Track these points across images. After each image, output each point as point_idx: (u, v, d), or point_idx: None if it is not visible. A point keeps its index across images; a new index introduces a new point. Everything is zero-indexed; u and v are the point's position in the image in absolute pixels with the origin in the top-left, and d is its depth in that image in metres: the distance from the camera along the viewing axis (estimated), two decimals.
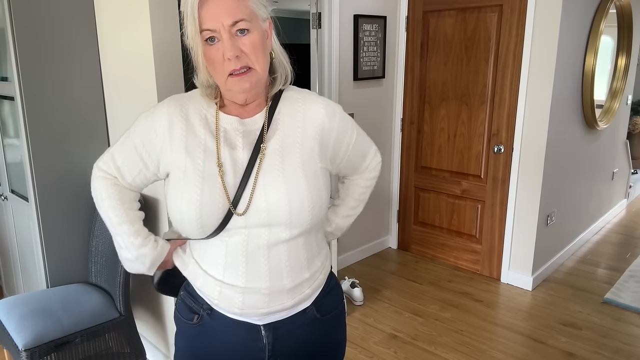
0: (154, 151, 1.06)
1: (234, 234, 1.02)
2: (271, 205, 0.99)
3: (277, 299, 1.06)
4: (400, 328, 2.80)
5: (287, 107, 1.07)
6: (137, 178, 1.10)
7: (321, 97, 1.12)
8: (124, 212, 1.11)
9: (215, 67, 0.96)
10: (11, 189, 2.52)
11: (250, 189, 1.00)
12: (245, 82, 0.96)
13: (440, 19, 3.40)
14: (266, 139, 1.03)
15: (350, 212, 1.28)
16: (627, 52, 3.95)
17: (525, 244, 3.25)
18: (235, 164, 1.02)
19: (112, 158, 1.11)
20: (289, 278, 1.05)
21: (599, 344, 2.65)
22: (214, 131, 1.03)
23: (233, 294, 1.05)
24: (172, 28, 1.96)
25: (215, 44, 0.94)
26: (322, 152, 1.07)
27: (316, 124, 1.06)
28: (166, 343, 2.33)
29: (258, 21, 0.97)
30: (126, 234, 1.10)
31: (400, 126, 3.74)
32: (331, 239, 1.30)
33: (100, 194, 1.11)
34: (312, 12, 3.12)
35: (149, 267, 1.12)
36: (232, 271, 1.04)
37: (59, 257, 2.29)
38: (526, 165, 3.14)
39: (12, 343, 1.93)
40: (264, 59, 0.98)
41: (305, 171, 1.02)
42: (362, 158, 1.21)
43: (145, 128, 1.06)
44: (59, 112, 2.18)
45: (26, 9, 2.02)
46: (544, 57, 2.95)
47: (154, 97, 1.96)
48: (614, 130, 4.25)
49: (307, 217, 1.01)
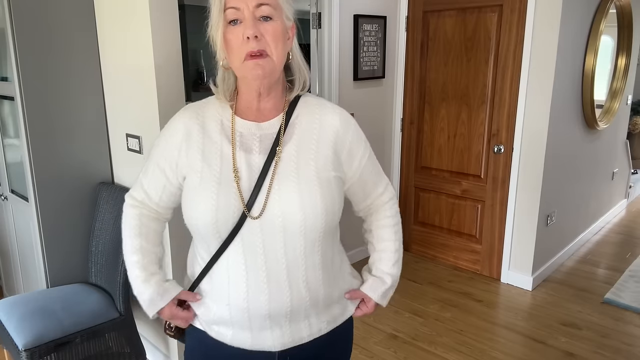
0: (173, 161, 1.07)
1: (250, 240, 1.01)
2: (285, 210, 0.99)
3: (295, 332, 1.07)
4: (400, 328, 2.80)
5: (304, 113, 1.07)
6: (163, 195, 1.12)
7: (338, 106, 1.12)
8: (138, 244, 1.12)
9: (233, 49, 0.97)
10: (11, 189, 2.52)
11: (264, 193, 1.00)
12: (259, 67, 0.96)
13: (440, 19, 3.40)
14: (282, 143, 1.03)
15: (397, 257, 1.20)
16: (627, 52, 3.95)
17: (525, 244, 3.25)
18: (251, 168, 1.02)
19: (140, 183, 1.14)
20: (308, 289, 1.05)
21: (599, 344, 2.65)
22: (230, 136, 1.04)
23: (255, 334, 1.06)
24: (172, 28, 1.96)
25: (237, 26, 0.96)
26: (336, 160, 1.07)
27: (331, 132, 1.07)
28: (166, 343, 2.33)
29: (282, 15, 0.99)
30: (134, 265, 1.12)
31: (400, 126, 3.74)
32: (389, 296, 1.22)
33: (125, 223, 1.15)
34: (312, 12, 3.12)
35: (147, 306, 1.11)
36: (255, 288, 1.02)
37: (59, 257, 2.29)
38: (526, 165, 3.14)
39: (12, 343, 1.93)
40: (282, 50, 0.99)
41: (320, 178, 1.03)
42: (375, 184, 1.18)
43: (163, 142, 1.09)
44: (59, 112, 2.18)
45: (26, 9, 2.02)
46: (544, 57, 2.95)
47: (154, 97, 1.96)
48: (614, 130, 4.25)
49: (320, 222, 1.01)
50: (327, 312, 1.11)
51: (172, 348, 2.28)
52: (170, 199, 1.13)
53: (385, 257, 1.19)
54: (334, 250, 1.11)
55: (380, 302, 1.19)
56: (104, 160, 2.36)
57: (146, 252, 1.13)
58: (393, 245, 1.19)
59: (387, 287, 1.19)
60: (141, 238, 1.13)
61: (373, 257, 1.21)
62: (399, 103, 3.70)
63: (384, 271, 1.19)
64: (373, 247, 1.22)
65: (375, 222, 1.21)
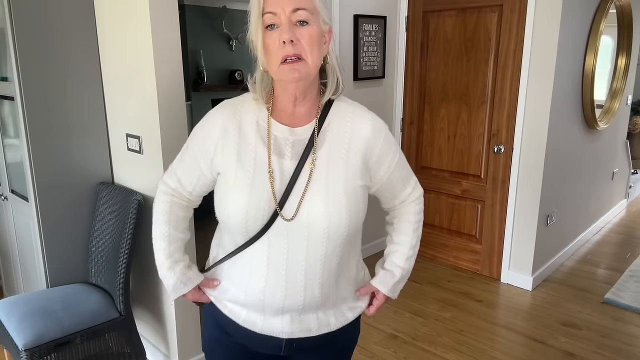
0: (209, 156, 1.11)
1: (276, 242, 1.06)
2: (312, 216, 1.04)
3: (304, 322, 1.13)
4: (400, 328, 2.80)
5: (337, 119, 1.10)
6: (197, 186, 1.17)
7: (370, 112, 1.15)
8: (167, 230, 1.18)
9: (271, 52, 1.00)
10: (11, 189, 2.52)
11: (294, 198, 1.05)
12: (295, 71, 0.99)
13: (440, 19, 3.40)
14: (314, 149, 1.07)
15: (411, 253, 1.25)
16: (627, 52, 3.95)
17: (525, 244, 3.25)
18: (282, 172, 1.06)
19: (174, 171, 1.19)
20: (321, 290, 1.10)
21: (599, 344, 2.65)
22: (265, 138, 1.07)
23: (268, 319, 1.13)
24: (172, 28, 1.96)
25: (274, 30, 0.99)
26: (364, 169, 1.10)
27: (362, 140, 1.09)
28: (166, 343, 2.33)
29: (319, 19, 1.01)
30: (161, 252, 1.18)
31: (400, 126, 3.74)
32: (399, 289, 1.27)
33: (156, 207, 1.21)
34: None
35: (171, 291, 1.19)
36: (273, 283, 1.08)
37: (59, 257, 2.29)
38: (526, 165, 3.14)
39: (12, 343, 1.93)
40: (318, 54, 1.02)
41: (347, 187, 1.06)
42: (403, 185, 1.22)
43: (200, 136, 1.13)
44: (59, 112, 2.18)
45: (26, 9, 2.02)
46: (544, 57, 2.95)
47: (154, 97, 1.96)
48: (614, 130, 4.25)
49: (343, 230, 1.05)
50: (337, 310, 1.17)
51: (172, 348, 2.28)
52: (202, 189, 1.18)
53: (400, 251, 1.24)
54: (351, 254, 1.15)
55: (390, 295, 1.23)
56: (103, 160, 2.37)
57: (173, 240, 1.19)
58: (410, 241, 1.24)
59: (396, 280, 1.22)
60: (170, 225, 1.18)
61: (389, 249, 1.26)
62: (399, 103, 3.71)
63: (396, 264, 1.23)
64: (391, 239, 1.27)
65: (398, 216, 1.26)
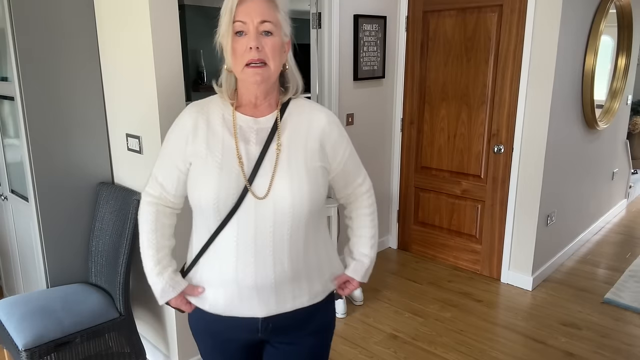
0: (182, 151, 1.22)
1: (244, 219, 1.16)
2: (277, 194, 1.15)
3: (278, 298, 1.22)
4: (400, 328, 2.80)
5: (296, 111, 1.25)
6: (179, 186, 1.26)
7: (326, 108, 1.30)
8: (154, 239, 1.28)
9: (237, 56, 1.14)
10: (11, 189, 2.52)
11: (263, 178, 1.16)
12: (258, 74, 1.13)
13: (440, 19, 3.40)
14: (277, 136, 1.20)
15: (373, 241, 1.40)
16: (627, 52, 3.95)
17: (525, 244, 3.25)
18: (249, 156, 1.18)
19: (155, 177, 1.29)
20: (290, 265, 1.19)
21: (599, 344, 2.65)
22: (231, 128, 1.21)
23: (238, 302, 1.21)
24: (172, 28, 1.96)
25: (242, 37, 1.13)
26: (322, 152, 1.24)
27: (318, 128, 1.24)
28: (166, 343, 2.33)
29: (280, 32, 1.16)
30: (150, 259, 1.27)
31: (400, 126, 3.74)
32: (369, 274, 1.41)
33: (140, 218, 1.30)
34: (312, 12, 3.12)
35: (159, 296, 1.27)
36: (243, 260, 1.17)
37: (59, 257, 2.30)
38: (526, 165, 3.14)
39: (12, 343, 1.93)
40: (279, 61, 1.16)
41: (307, 167, 1.19)
42: (354, 176, 1.36)
43: (173, 138, 1.24)
44: (59, 112, 2.19)
45: (26, 9, 2.02)
46: (544, 57, 2.95)
47: (154, 96, 1.97)
48: (614, 130, 4.25)
49: (306, 207, 1.17)
50: (308, 287, 1.26)
51: (172, 348, 2.28)
52: (184, 188, 1.26)
53: (363, 242, 1.39)
54: (318, 235, 1.27)
55: (362, 281, 1.40)
56: (104, 160, 2.37)
57: (160, 247, 1.28)
58: (370, 232, 1.39)
59: (366, 267, 1.39)
60: (156, 234, 1.28)
61: (352, 241, 1.41)
62: (399, 103, 3.71)
63: (363, 253, 1.39)
64: (352, 232, 1.41)
65: (355, 210, 1.40)
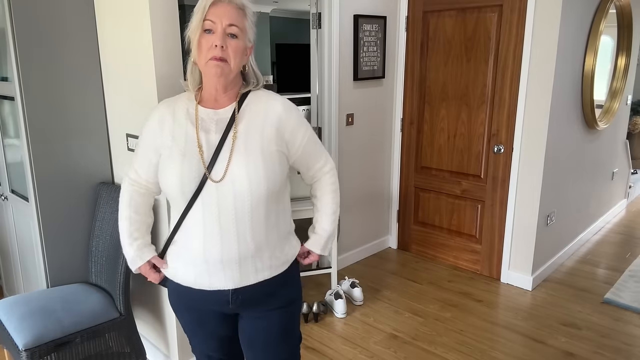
0: (152, 143, 1.38)
1: (208, 200, 1.29)
2: (235, 177, 1.29)
3: (243, 270, 1.35)
4: (400, 328, 2.80)
5: (253, 101, 1.38)
6: (150, 172, 1.43)
7: (283, 97, 1.41)
8: (127, 213, 1.46)
9: (202, 50, 1.28)
10: (11, 189, 2.52)
11: (221, 163, 1.30)
12: (218, 67, 1.27)
13: (440, 19, 3.40)
14: (235, 124, 1.33)
15: (333, 217, 1.53)
16: (627, 52, 3.95)
17: (525, 244, 3.25)
18: (209, 144, 1.33)
19: (133, 166, 1.47)
20: (253, 240, 1.33)
21: (599, 344, 2.65)
22: (194, 120, 1.35)
23: (206, 277, 1.36)
24: (172, 27, 1.96)
25: (210, 34, 1.27)
26: (278, 137, 1.35)
27: (275, 116, 1.36)
28: (166, 343, 2.33)
29: (245, 37, 1.31)
30: (123, 230, 1.46)
31: (400, 126, 3.74)
32: (330, 247, 1.58)
33: (120, 196, 1.49)
34: (312, 12, 3.12)
35: (130, 263, 1.46)
36: (210, 237, 1.31)
37: (59, 257, 2.30)
38: (526, 165, 3.14)
39: (12, 343, 1.93)
40: (239, 62, 1.31)
41: (263, 152, 1.32)
42: (316, 158, 1.48)
43: (146, 131, 1.41)
44: (59, 112, 2.19)
45: (26, 8, 2.02)
46: (544, 57, 2.95)
47: (154, 96, 1.97)
48: (614, 130, 4.25)
49: (263, 186, 1.30)
50: (270, 261, 1.39)
51: (172, 348, 2.28)
52: (156, 175, 1.42)
53: (324, 218, 1.52)
54: (279, 213, 1.40)
55: (322, 253, 1.54)
56: (104, 160, 2.37)
57: (133, 221, 1.46)
58: (331, 208, 1.52)
59: (324, 240, 1.53)
60: (130, 209, 1.46)
61: (315, 217, 1.54)
62: (399, 103, 3.71)
63: (323, 228, 1.52)
64: (316, 209, 1.54)
65: (319, 189, 1.52)
